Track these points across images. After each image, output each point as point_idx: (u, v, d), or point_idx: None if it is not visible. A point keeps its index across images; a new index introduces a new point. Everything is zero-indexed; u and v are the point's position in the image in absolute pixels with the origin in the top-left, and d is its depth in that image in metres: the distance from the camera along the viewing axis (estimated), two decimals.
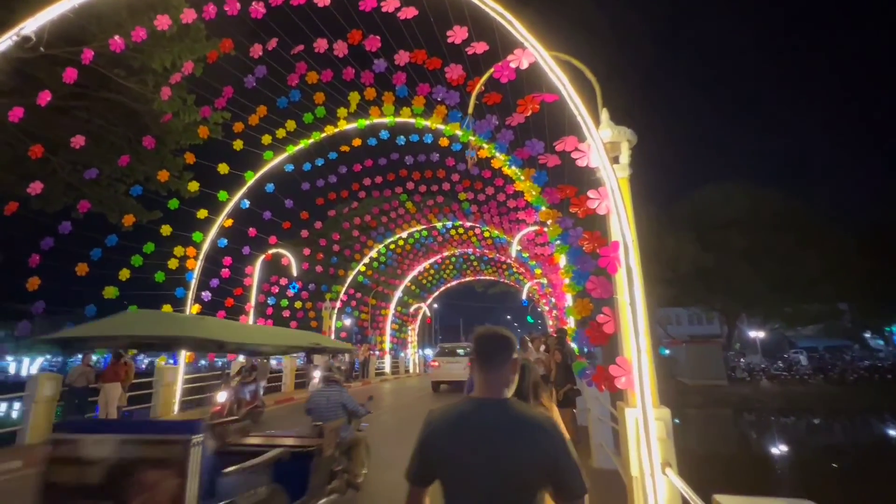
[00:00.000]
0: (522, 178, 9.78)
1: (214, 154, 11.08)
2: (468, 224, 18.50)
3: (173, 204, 10.16)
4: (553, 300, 15.43)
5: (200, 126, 9.19)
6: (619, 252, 3.16)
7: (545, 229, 11.81)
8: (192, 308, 11.04)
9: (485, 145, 10.06)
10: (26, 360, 53.27)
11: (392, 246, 19.38)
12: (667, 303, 32.17)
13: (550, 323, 22.97)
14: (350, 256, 17.89)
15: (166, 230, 9.86)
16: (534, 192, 9.15)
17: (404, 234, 19.06)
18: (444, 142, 10.91)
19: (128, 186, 14.34)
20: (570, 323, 9.06)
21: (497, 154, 10.06)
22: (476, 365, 1.44)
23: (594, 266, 5.22)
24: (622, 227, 3.16)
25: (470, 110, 5.50)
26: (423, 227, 18.64)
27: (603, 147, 3.32)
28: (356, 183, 13.41)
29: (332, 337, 18.50)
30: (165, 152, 13.53)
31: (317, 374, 12.05)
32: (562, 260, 9.58)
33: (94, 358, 9.55)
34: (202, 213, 10.75)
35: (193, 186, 10.18)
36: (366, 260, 19.21)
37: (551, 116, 5.49)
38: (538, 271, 15.99)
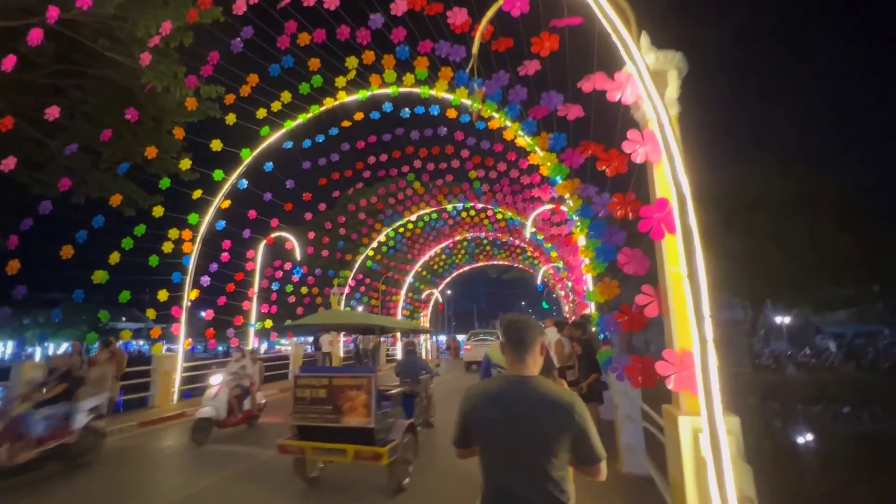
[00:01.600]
0: (537, 149, 8.92)
1: (212, 134, 10.46)
2: (480, 206, 17.65)
3: (164, 183, 9.60)
4: (570, 284, 14.59)
5: (189, 98, 8.51)
6: (672, 210, 2.38)
7: (562, 207, 10.95)
8: (189, 294, 10.57)
9: (496, 114, 9.21)
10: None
11: (401, 230, 18.69)
12: None
13: (567, 309, 22.15)
14: (358, 240, 17.27)
15: (158, 211, 9.34)
16: (549, 164, 8.30)
17: (413, 217, 18.33)
18: (451, 113, 10.07)
19: (128, 170, 13.99)
20: (591, 308, 8.26)
21: (508, 123, 9.21)
22: (506, 347, 1.66)
23: (624, 238, 4.42)
24: (676, 175, 2.37)
25: (475, 49, 4.68)
26: (434, 209, 17.87)
27: (647, 72, 2.50)
28: (360, 162, 12.68)
29: None
30: (163, 133, 13.01)
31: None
32: (581, 239, 8.74)
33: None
34: (196, 194, 10.18)
35: (185, 164, 9.58)
36: (374, 244, 18.57)
37: (573, 59, 4.64)
38: (554, 254, 15.12)
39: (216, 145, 9.56)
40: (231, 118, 9.33)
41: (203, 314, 13.07)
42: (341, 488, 4.90)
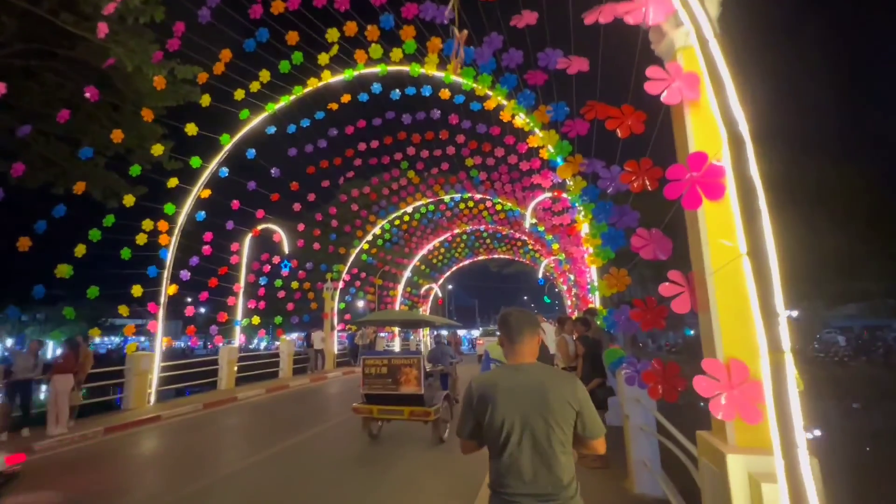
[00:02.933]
0: (537, 130, 8.21)
1: (193, 121, 9.78)
2: (478, 196, 16.95)
3: (134, 170, 8.94)
4: (572, 277, 13.92)
5: (157, 77, 7.83)
6: (714, 166, 1.70)
7: (563, 194, 10.24)
8: (168, 289, 9.94)
9: (490, 91, 8.49)
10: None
11: (397, 222, 18.01)
12: None
13: (569, 303, 21.48)
14: (351, 233, 16.60)
15: (129, 200, 8.68)
16: (550, 146, 7.60)
17: (409, 209, 17.64)
18: (444, 94, 9.38)
19: (108, 160, 13.33)
20: (596, 302, 7.58)
21: (504, 102, 8.49)
22: (504, 339, 1.78)
23: (637, 219, 3.73)
24: (728, 108, 1.69)
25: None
26: (430, 200, 17.16)
27: None
28: (350, 149, 11.98)
29: (336, 319, 17.43)
30: (143, 120, 12.33)
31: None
32: (584, 228, 8.05)
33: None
34: (172, 182, 9.51)
35: (157, 150, 8.90)
36: (369, 237, 17.91)
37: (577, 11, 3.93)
38: (555, 246, 14.43)
39: (190, 129, 8.88)
40: (205, 99, 8.65)
41: (202, 310, 12.53)
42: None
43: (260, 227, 12.79)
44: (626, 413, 4.09)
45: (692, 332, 28.31)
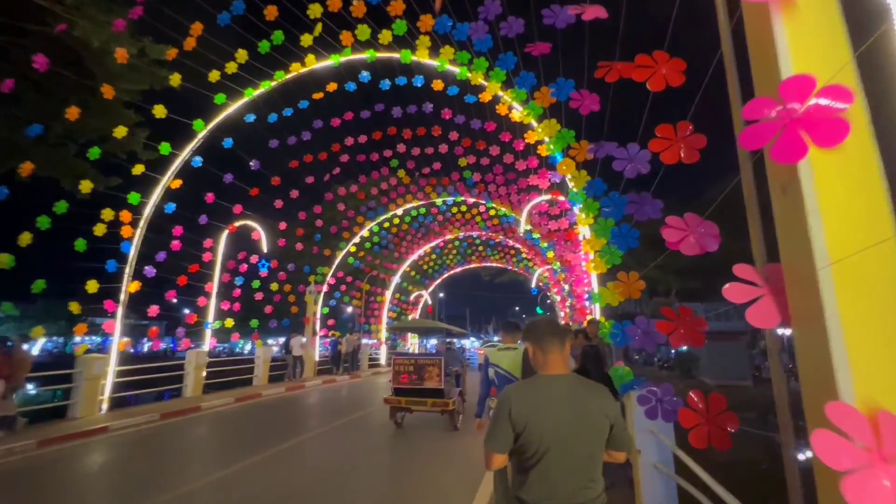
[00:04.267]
0: (535, 123, 7.57)
1: (168, 108, 9.04)
2: (471, 200, 16.33)
3: (93, 153, 8.14)
4: (567, 287, 13.26)
5: (119, 49, 7.10)
6: (830, 92, 1.02)
7: (561, 196, 9.61)
8: (129, 286, 9.10)
9: (485, 82, 7.86)
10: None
11: (386, 224, 17.30)
12: (690, 297, 29.79)
13: (563, 314, 20.81)
14: (337, 234, 15.85)
15: (86, 186, 7.89)
16: (549, 140, 6.97)
17: (399, 212, 16.96)
18: (437, 85, 8.74)
19: (80, 146, 12.50)
20: (595, 312, 6.89)
21: (501, 93, 7.87)
22: (537, 350, 1.74)
23: (659, 209, 3.06)
24: None
25: None
26: (421, 202, 16.50)
27: None
28: (336, 143, 11.30)
29: (318, 324, 16.59)
30: (117, 105, 11.57)
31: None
32: (584, 231, 7.39)
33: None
34: (138, 169, 8.73)
35: (120, 132, 8.11)
36: (356, 240, 17.15)
37: None
38: (550, 254, 13.80)
39: (159, 111, 8.14)
40: (175, 78, 7.93)
41: (187, 311, 11.68)
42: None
43: (237, 224, 12.00)
44: (638, 448, 3.38)
45: (684, 347, 27.78)
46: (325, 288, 16.84)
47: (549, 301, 30.47)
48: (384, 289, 22.68)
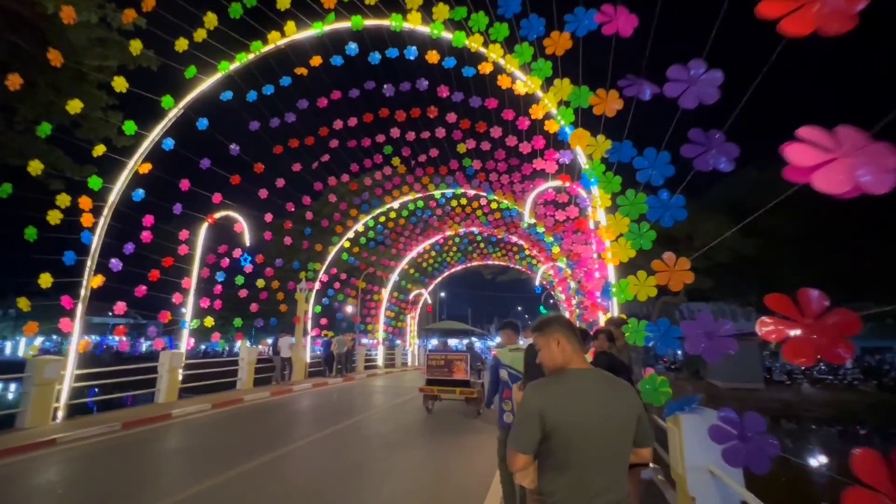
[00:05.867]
0: (544, 95, 6.64)
1: (146, 89, 8.17)
2: (471, 193, 15.41)
3: (43, 130, 7.25)
4: (574, 284, 12.32)
5: (64, 7, 6.20)
6: None
7: (568, 182, 8.67)
8: (91, 280, 8.22)
9: (484, 49, 6.94)
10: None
11: (382, 219, 16.39)
12: (699, 297, 28.84)
13: (567, 314, 19.86)
14: (329, 228, 14.93)
15: (35, 167, 7.02)
16: (559, 114, 6.05)
17: (396, 205, 16.06)
18: (432, 57, 7.83)
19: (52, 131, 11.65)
20: (612, 309, 5.93)
21: (502, 56, 6.95)
22: (567, 344, 1.66)
23: (737, 152, 2.14)
24: None
25: None
26: (419, 195, 15.59)
27: None
28: (324, 127, 10.39)
29: (310, 324, 15.69)
30: (87, 85, 10.71)
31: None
32: (598, 217, 6.45)
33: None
34: (98, 150, 7.84)
35: (75, 106, 7.21)
36: (350, 234, 16.24)
37: None
38: (556, 249, 12.86)
39: (119, 83, 7.25)
40: (136, 46, 7.03)
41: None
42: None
43: (217, 215, 11.11)
44: (691, 494, 2.44)
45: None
46: (317, 285, 15.94)
47: (552, 301, 29.50)
48: (381, 287, 21.78)
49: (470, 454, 6.14)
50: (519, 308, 66.86)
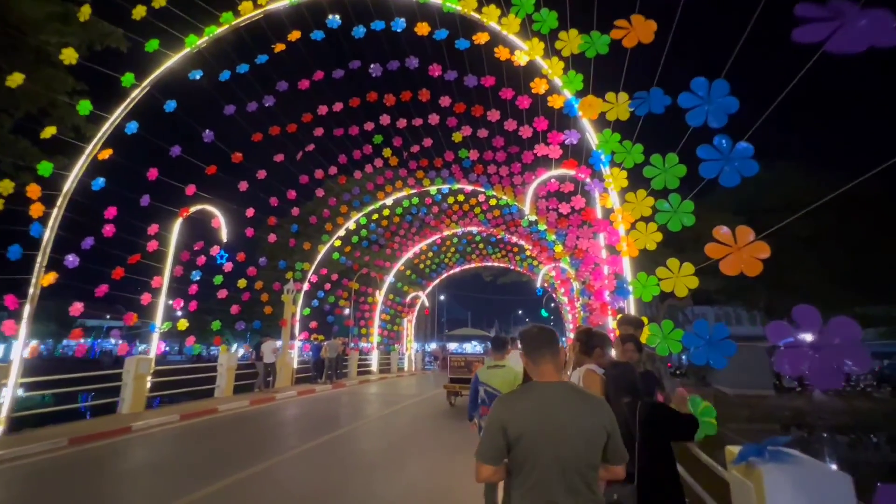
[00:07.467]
0: (547, 63, 5.79)
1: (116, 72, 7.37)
2: (469, 188, 14.58)
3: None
4: (579, 284, 11.46)
5: None
6: None
7: (574, 171, 7.80)
8: (41, 278, 7.37)
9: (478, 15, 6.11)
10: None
11: (375, 216, 15.54)
12: (703, 300, 27.92)
13: (570, 318, 18.97)
14: (317, 225, 14.08)
15: None
16: (565, 82, 5.23)
17: (389, 202, 15.23)
18: (421, 28, 7.03)
19: (14, 119, 10.85)
20: (629, 308, 5.04)
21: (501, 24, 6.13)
22: (530, 357, 1.69)
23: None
24: None
25: None
26: (413, 190, 14.76)
27: None
28: (307, 113, 9.57)
29: (297, 327, 14.82)
30: (49, 68, 9.91)
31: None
32: (611, 198, 5.59)
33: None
34: (48, 131, 7.00)
35: (15, 79, 6.37)
36: (341, 232, 15.40)
37: None
38: (558, 248, 11.99)
39: (68, 55, 6.42)
40: (86, 11, 6.21)
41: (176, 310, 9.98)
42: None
43: (192, 209, 10.27)
44: None
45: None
46: (306, 286, 15.07)
47: (552, 304, 28.58)
48: (376, 289, 20.91)
49: (460, 478, 5.26)
50: (520, 311, 65.94)
